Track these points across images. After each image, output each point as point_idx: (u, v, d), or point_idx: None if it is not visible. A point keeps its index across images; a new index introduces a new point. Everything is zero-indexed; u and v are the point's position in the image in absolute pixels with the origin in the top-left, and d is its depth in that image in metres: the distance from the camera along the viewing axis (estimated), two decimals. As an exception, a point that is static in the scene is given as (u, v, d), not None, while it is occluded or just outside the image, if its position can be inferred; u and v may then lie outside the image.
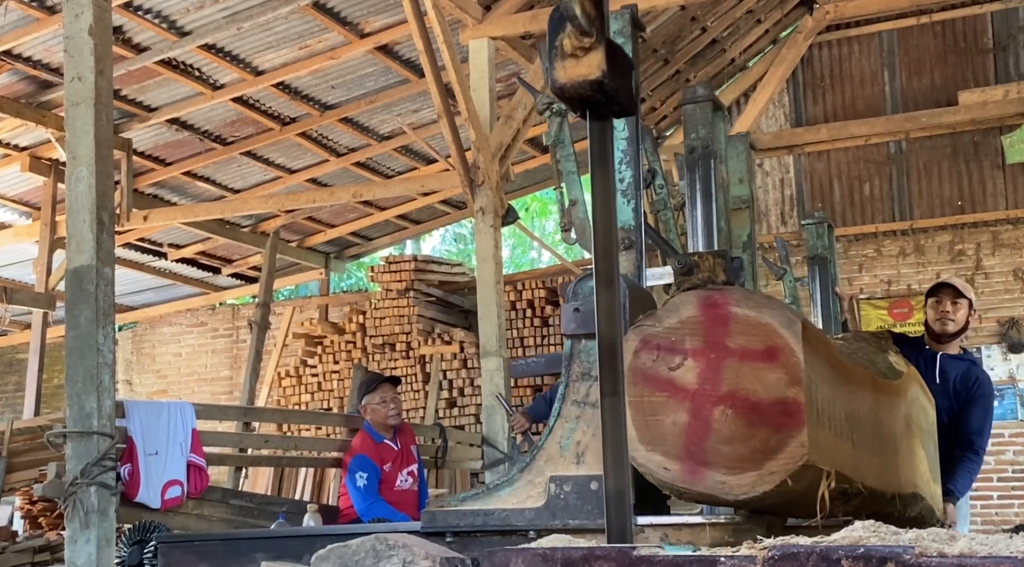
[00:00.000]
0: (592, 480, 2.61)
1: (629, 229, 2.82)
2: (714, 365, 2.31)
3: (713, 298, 2.37)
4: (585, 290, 2.72)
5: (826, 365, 2.50)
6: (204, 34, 7.97)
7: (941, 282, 4.99)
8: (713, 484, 2.28)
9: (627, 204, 2.84)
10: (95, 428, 4.32)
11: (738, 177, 3.88)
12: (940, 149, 10.60)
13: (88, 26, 4.53)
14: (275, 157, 10.30)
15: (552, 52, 1.73)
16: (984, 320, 10.16)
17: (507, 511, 2.70)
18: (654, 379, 2.36)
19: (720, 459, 2.27)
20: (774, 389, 2.27)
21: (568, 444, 2.70)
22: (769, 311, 2.33)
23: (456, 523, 2.74)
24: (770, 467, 2.24)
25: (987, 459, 9.94)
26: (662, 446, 2.33)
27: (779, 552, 1.30)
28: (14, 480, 6.77)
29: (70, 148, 4.56)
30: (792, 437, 2.23)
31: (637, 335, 2.41)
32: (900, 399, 3.37)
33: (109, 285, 4.47)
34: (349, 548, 1.96)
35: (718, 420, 2.28)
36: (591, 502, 2.60)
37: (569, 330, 2.73)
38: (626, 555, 1.36)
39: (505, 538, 2.66)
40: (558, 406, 2.74)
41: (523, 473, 2.75)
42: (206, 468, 5.53)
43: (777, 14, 10.83)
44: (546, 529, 2.56)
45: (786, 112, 11.16)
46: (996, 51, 10.53)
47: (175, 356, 12.94)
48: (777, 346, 2.28)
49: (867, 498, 2.79)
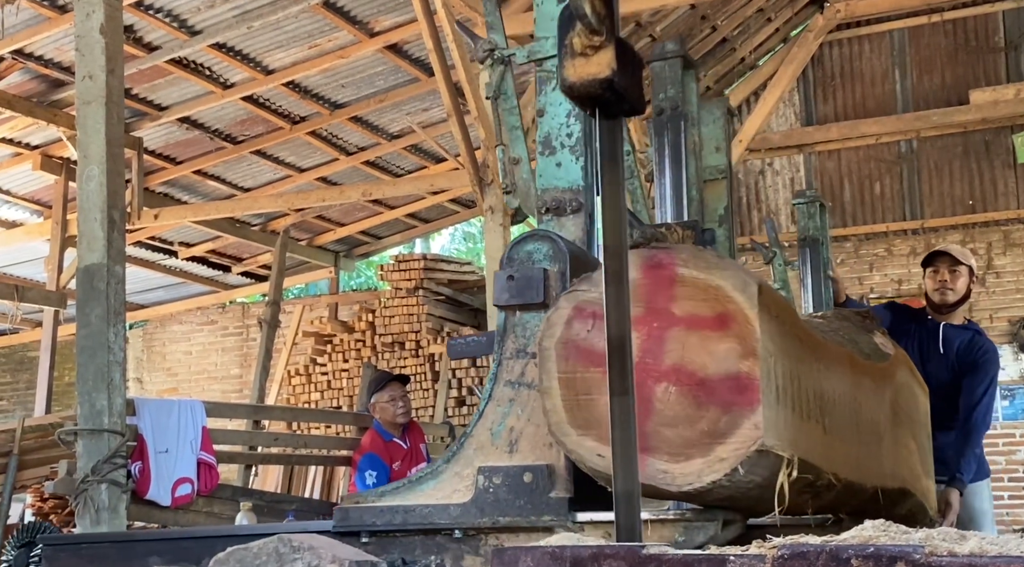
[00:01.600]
0: (526, 471, 2.30)
1: (577, 190, 2.52)
2: (657, 335, 2.01)
3: (657, 258, 2.06)
4: (521, 255, 2.41)
5: (790, 337, 2.18)
6: (214, 33, 7.99)
7: (937, 250, 4.72)
8: (653, 473, 1.98)
9: (575, 162, 2.54)
10: (106, 426, 4.34)
11: (715, 145, 3.59)
12: (951, 148, 10.57)
13: (99, 25, 4.55)
14: (285, 156, 10.33)
15: (561, 51, 1.73)
16: (995, 320, 10.14)
17: (429, 507, 2.38)
18: (588, 352, 2.06)
19: (662, 444, 1.98)
20: (725, 362, 1.97)
21: (500, 430, 2.38)
22: (720, 272, 2.01)
23: (372, 521, 2.42)
24: (719, 453, 1.94)
25: (998, 459, 9.96)
26: (596, 429, 2.02)
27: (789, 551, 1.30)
28: (25, 477, 6.80)
29: (81, 147, 4.58)
30: (744, 418, 1.93)
31: (570, 302, 2.12)
32: (885, 383, 3.02)
33: (120, 283, 4.49)
34: (250, 551, 1.81)
35: (660, 399, 1.98)
36: (524, 496, 2.29)
37: (502, 300, 2.40)
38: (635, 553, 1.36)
39: (428, 538, 2.38)
40: (489, 387, 2.43)
41: (450, 464, 2.43)
42: (216, 466, 5.55)
43: (787, 13, 10.80)
44: (472, 528, 2.32)
45: (796, 111, 11.13)
46: (1008, 50, 10.49)
47: (185, 354, 12.99)
48: (729, 312, 1.98)
49: (842, 492, 2.50)
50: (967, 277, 4.55)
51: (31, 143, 9.21)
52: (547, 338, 2.12)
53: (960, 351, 4.49)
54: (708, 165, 3.55)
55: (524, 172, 2.74)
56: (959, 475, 4.25)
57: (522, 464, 2.32)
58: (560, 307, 2.14)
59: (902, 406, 3.21)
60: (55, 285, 9.50)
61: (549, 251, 2.38)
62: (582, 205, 2.52)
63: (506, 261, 2.43)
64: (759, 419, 1.93)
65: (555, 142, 2.55)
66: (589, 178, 2.55)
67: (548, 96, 2.56)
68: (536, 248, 2.39)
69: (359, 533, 2.42)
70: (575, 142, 2.55)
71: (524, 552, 1.39)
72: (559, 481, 2.27)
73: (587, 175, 2.55)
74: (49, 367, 9.58)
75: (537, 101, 2.60)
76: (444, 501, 2.38)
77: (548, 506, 2.26)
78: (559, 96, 2.51)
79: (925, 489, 3.48)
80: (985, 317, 10.16)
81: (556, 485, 2.27)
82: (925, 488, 3.48)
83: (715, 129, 3.61)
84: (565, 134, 2.55)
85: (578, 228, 2.52)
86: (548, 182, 2.54)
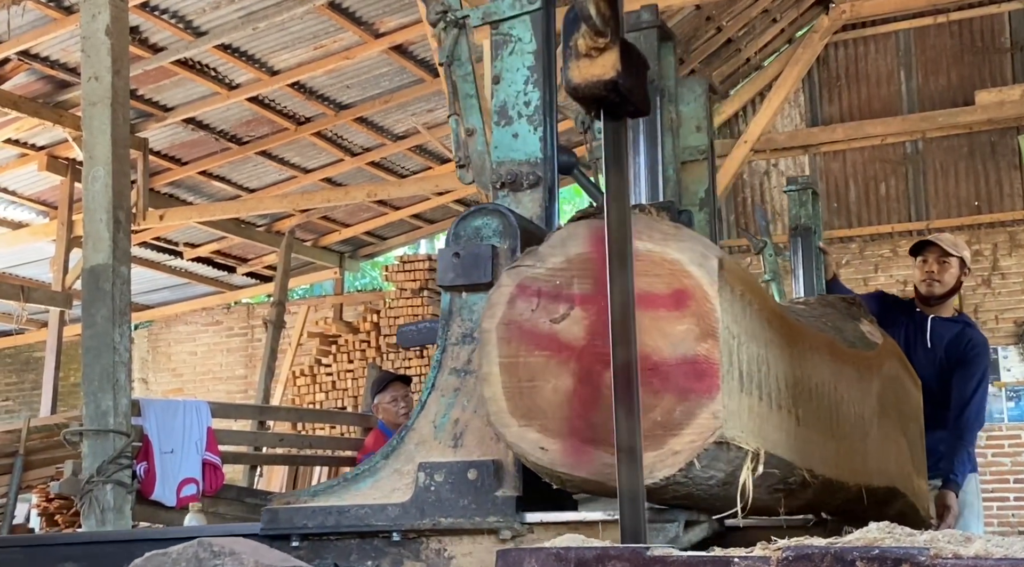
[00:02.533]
0: (470, 468, 2.09)
1: (535, 163, 2.32)
2: (607, 315, 1.82)
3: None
4: (468, 231, 2.21)
5: (757, 318, 1.97)
6: (220, 34, 8.00)
7: (925, 239, 4.49)
8: (601, 468, 1.80)
9: (533, 132, 2.33)
10: (111, 426, 4.34)
11: (695, 124, 3.36)
12: (957, 149, 10.56)
13: (105, 26, 4.56)
14: (290, 157, 10.34)
15: (566, 52, 1.73)
16: (1001, 321, 10.12)
17: (365, 508, 2.16)
18: (532, 334, 1.88)
19: (611, 436, 1.79)
20: (681, 345, 1.78)
21: (444, 423, 2.18)
22: (677, 244, 1.82)
23: (303, 523, 2.21)
24: (673, 446, 1.76)
25: (1004, 460, 9.96)
26: (540, 420, 1.85)
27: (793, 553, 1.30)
28: (31, 478, 6.82)
29: (87, 147, 4.59)
30: (702, 406, 1.75)
31: (513, 279, 1.92)
32: (871, 374, 2.80)
33: (125, 284, 4.49)
34: (169, 556, 1.72)
35: (610, 385, 1.79)
36: (468, 495, 2.08)
37: (447, 281, 2.20)
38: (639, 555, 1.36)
39: (364, 541, 2.17)
40: (432, 376, 2.24)
41: (389, 460, 2.22)
42: (221, 466, 5.56)
43: (793, 13, 10.80)
44: (412, 530, 2.13)
45: (802, 112, 11.13)
46: (1013, 51, 10.48)
47: (190, 355, 13.00)
48: (686, 289, 1.79)
49: (820, 490, 2.31)
50: (957, 269, 4.35)
51: (37, 144, 9.23)
52: (487, 319, 1.94)
53: (948, 345, 4.28)
54: (688, 145, 3.33)
55: (479, 144, 2.56)
56: (953, 476, 4.07)
57: (467, 460, 2.12)
58: (502, 285, 1.94)
59: (891, 399, 2.98)
60: (61, 286, 9.51)
61: (499, 227, 2.20)
62: (540, 179, 2.32)
63: (452, 237, 2.23)
64: (718, 408, 1.74)
65: (512, 111, 2.37)
66: (548, 150, 2.36)
67: (504, 61, 2.38)
68: (485, 223, 2.21)
69: (289, 536, 2.23)
70: (533, 111, 2.35)
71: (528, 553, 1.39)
72: (507, 478, 2.09)
73: (546, 146, 2.36)
74: (55, 367, 9.60)
75: (492, 67, 2.41)
76: (382, 501, 2.17)
77: (494, 506, 2.07)
78: (516, 61, 2.36)
79: (917, 489, 3.28)
80: (991, 318, 10.15)
81: (503, 482, 2.08)
82: (917, 488, 3.29)
83: (696, 107, 3.38)
84: (523, 103, 2.35)
85: (536, 204, 2.32)
86: (504, 154, 2.36)
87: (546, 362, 1.87)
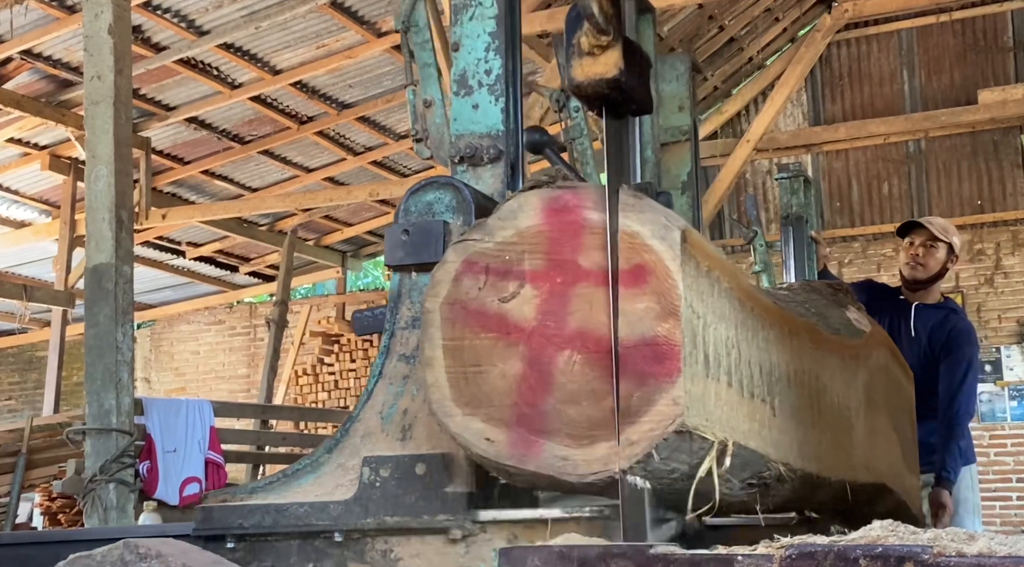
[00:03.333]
0: (418, 462, 1.92)
1: (496, 136, 2.14)
2: (559, 293, 1.69)
3: (562, 200, 1.73)
4: (419, 206, 2.04)
5: (727, 298, 1.82)
6: (222, 33, 8.01)
7: (911, 220, 4.26)
8: (551, 461, 1.65)
9: (494, 103, 2.16)
10: (114, 425, 4.35)
11: (677, 104, 3.17)
12: (959, 148, 10.55)
13: (108, 25, 4.56)
14: (292, 156, 10.35)
15: (569, 50, 1.73)
16: (1004, 320, 10.11)
17: (306, 506, 1.99)
18: (479, 315, 1.73)
19: (563, 425, 1.66)
20: (639, 324, 1.63)
21: (392, 414, 2.02)
22: (637, 216, 1.67)
23: (239, 522, 2.03)
24: (630, 435, 1.61)
25: (1007, 460, 9.95)
26: (485, 408, 1.70)
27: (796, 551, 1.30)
28: (34, 476, 6.83)
29: (89, 147, 4.60)
30: (661, 392, 1.60)
31: (459, 254, 1.76)
32: (857, 363, 2.63)
33: (128, 283, 4.50)
34: (93, 559, 1.63)
35: (563, 370, 1.66)
36: (416, 491, 1.91)
37: (395, 260, 2.04)
38: (642, 553, 1.36)
39: (305, 542, 2.00)
40: (380, 362, 2.07)
41: (332, 453, 2.05)
42: (224, 465, 5.56)
43: (795, 12, 10.79)
44: (356, 530, 1.95)
45: (804, 111, 11.12)
46: (1016, 50, 10.47)
47: (193, 354, 13.02)
48: (646, 264, 1.64)
49: (800, 486, 2.15)
50: (944, 255, 4.13)
51: (39, 143, 9.24)
52: (430, 299, 1.78)
53: (932, 332, 4.08)
54: (670, 125, 3.16)
55: (437, 116, 2.39)
56: (945, 473, 3.89)
57: (415, 453, 1.94)
58: (447, 261, 1.77)
59: (879, 391, 2.80)
60: (63, 285, 9.52)
61: (452, 201, 2.04)
62: (502, 153, 2.15)
63: (401, 213, 2.05)
64: (679, 393, 1.59)
65: (472, 81, 2.20)
66: (511, 122, 2.18)
67: (464, 27, 2.22)
68: (437, 198, 2.05)
69: (225, 537, 2.04)
70: (495, 80, 2.18)
71: (531, 552, 1.39)
72: (458, 473, 1.92)
73: (508, 118, 2.17)
74: (57, 367, 9.61)
75: (451, 33, 2.26)
76: (324, 498, 2.00)
77: (444, 503, 1.91)
78: (477, 26, 2.21)
79: (908, 487, 3.11)
80: (993, 317, 10.14)
81: (454, 478, 1.92)
82: (909, 485, 3.12)
83: (678, 86, 3.19)
84: (483, 71, 2.19)
85: (496, 179, 2.16)
86: (463, 127, 2.19)
87: (493, 345, 1.71)
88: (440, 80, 2.44)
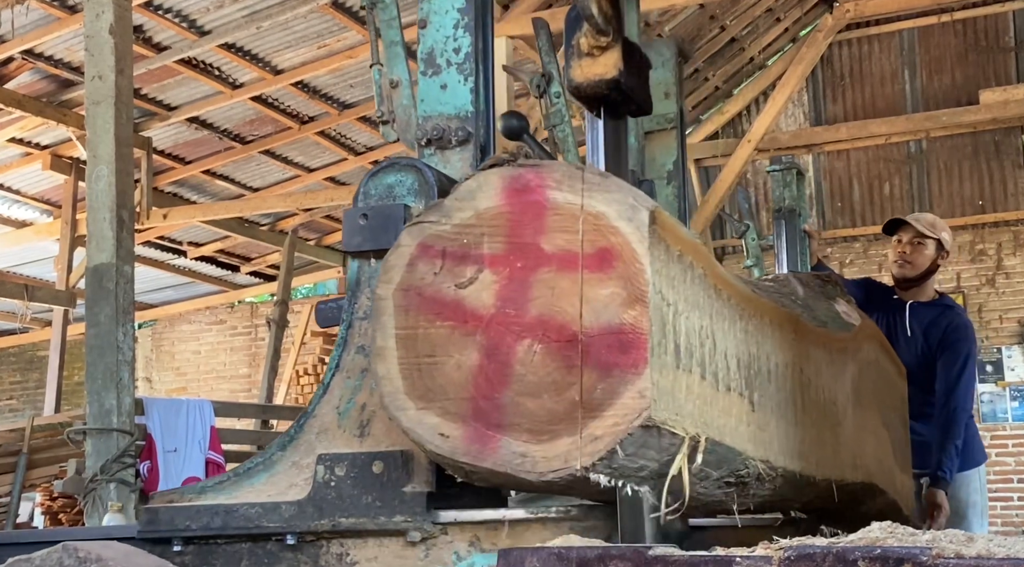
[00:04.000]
0: (376, 459, 1.80)
1: (465, 117, 2.04)
2: (520, 279, 1.59)
3: (524, 179, 1.62)
4: (379, 189, 1.93)
5: (701, 285, 1.72)
6: (224, 33, 8.01)
7: (899, 218, 4.18)
8: (509, 457, 1.55)
9: (463, 83, 2.05)
10: (115, 425, 4.35)
11: (663, 90, 3.07)
12: (961, 148, 10.54)
13: (109, 25, 4.57)
14: (293, 156, 10.35)
15: (568, 51, 1.73)
16: (1005, 321, 10.10)
17: (257, 507, 1.86)
18: (435, 301, 1.62)
19: (522, 420, 1.55)
20: (604, 311, 1.53)
21: (349, 409, 1.91)
22: (603, 196, 1.57)
23: (186, 524, 1.91)
24: (593, 430, 1.51)
25: (1008, 460, 9.94)
26: (440, 401, 1.60)
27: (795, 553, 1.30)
28: (35, 476, 6.83)
29: (90, 146, 4.60)
30: (627, 384, 1.50)
31: (414, 237, 1.66)
32: (846, 357, 2.52)
33: (129, 283, 4.50)
34: (32, 562, 1.58)
35: (522, 361, 1.56)
36: (373, 491, 1.80)
37: (353, 245, 1.94)
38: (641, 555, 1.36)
39: (257, 545, 1.88)
40: (336, 355, 1.97)
41: (286, 451, 1.95)
42: (225, 465, 5.57)
43: (796, 12, 10.79)
44: (310, 532, 1.84)
45: (805, 111, 11.12)
46: (1018, 50, 10.46)
47: (194, 354, 13.02)
48: (612, 248, 1.54)
49: (783, 485, 2.05)
50: (933, 251, 4.05)
51: (41, 143, 9.24)
52: (383, 285, 1.68)
53: (928, 330, 4.01)
54: (655, 113, 3.03)
55: (404, 97, 2.25)
56: (941, 472, 3.79)
57: (372, 451, 1.83)
58: (401, 245, 1.67)
59: (868, 386, 2.69)
60: (64, 285, 9.53)
61: (414, 184, 1.93)
62: (471, 135, 2.04)
63: (360, 196, 1.94)
64: (645, 385, 1.49)
65: (440, 59, 2.10)
66: (481, 102, 2.07)
67: (432, 3, 2.13)
68: (398, 180, 1.95)
69: (171, 539, 1.93)
70: (463, 59, 2.07)
71: (530, 553, 1.39)
72: (418, 471, 1.83)
73: (478, 99, 2.06)
74: (58, 366, 9.62)
75: (419, 9, 2.16)
76: (277, 498, 1.88)
77: (402, 503, 1.81)
78: (445, 2, 2.11)
79: (900, 486, 3.00)
80: (995, 318, 10.13)
81: (413, 477, 1.83)
82: (900, 485, 3.01)
83: (664, 73, 3.07)
84: (452, 50, 2.08)
85: (465, 163, 2.05)
86: (431, 108, 2.09)
87: (449, 334, 1.61)
88: (408, 59, 2.30)
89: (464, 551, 1.81)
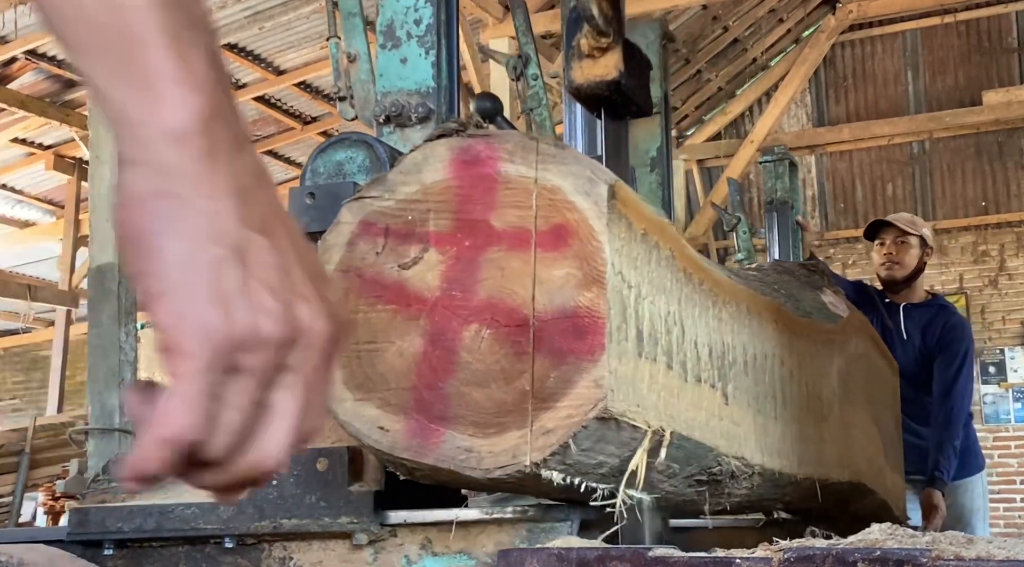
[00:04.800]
0: (320, 456, 1.68)
1: (427, 93, 1.91)
2: (468, 258, 1.46)
3: (473, 150, 1.48)
4: (328, 166, 1.80)
5: (668, 267, 1.58)
6: (226, 34, 8.03)
7: (879, 220, 4.14)
8: (453, 453, 1.41)
9: (424, 57, 1.93)
10: (117, 425, 4.35)
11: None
12: (964, 149, 10.54)
13: (111, 26, 4.57)
14: (296, 156, 10.36)
15: (569, 52, 1.73)
16: (1008, 322, 10.10)
17: (193, 507, 1.76)
18: (376, 284, 1.49)
19: (468, 411, 1.42)
20: (559, 294, 1.39)
21: None
22: (558, 168, 1.43)
23: (119, 526, 1.79)
24: (545, 422, 1.37)
25: (1011, 462, 9.93)
26: (380, 392, 1.46)
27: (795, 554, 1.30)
28: (37, 476, 6.85)
29: (94, 146, 4.60)
30: (582, 372, 1.36)
31: (355, 214, 1.52)
32: (831, 349, 2.37)
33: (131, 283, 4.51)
34: None
35: (469, 347, 1.42)
36: (316, 490, 1.69)
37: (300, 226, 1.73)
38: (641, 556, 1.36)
39: (194, 548, 1.77)
40: None
41: None
42: (226, 465, 5.57)
43: (799, 13, 10.79)
44: (249, 534, 1.73)
45: (808, 112, 11.12)
46: (1021, 51, 10.46)
47: (197, 354, 13.04)
48: (568, 224, 1.41)
49: (761, 484, 1.92)
50: (919, 249, 4.02)
51: (44, 143, 9.26)
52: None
53: (924, 331, 3.96)
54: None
55: (363, 72, 2.14)
56: (938, 473, 3.74)
57: (316, 447, 1.69)
58: (341, 222, 1.53)
59: (857, 381, 2.55)
60: (67, 285, 9.55)
61: (365, 161, 1.80)
62: (432, 112, 1.91)
63: (308, 174, 1.80)
64: (602, 373, 1.35)
65: (400, 32, 1.99)
66: (443, 78, 1.95)
67: None
68: (348, 157, 1.81)
69: (103, 542, 1.81)
70: (424, 31, 1.95)
71: (529, 554, 1.39)
72: (366, 469, 1.71)
73: (440, 74, 1.94)
74: (61, 366, 9.64)
75: None
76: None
77: (348, 504, 1.69)
78: None
79: (890, 486, 2.88)
80: (998, 319, 10.13)
81: (361, 474, 1.72)
82: (891, 485, 2.88)
83: (648, 55, 2.94)
84: (412, 21, 1.97)
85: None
86: (390, 83, 1.96)
87: (391, 318, 1.47)
88: (367, 32, 2.18)
89: (415, 554, 1.69)
